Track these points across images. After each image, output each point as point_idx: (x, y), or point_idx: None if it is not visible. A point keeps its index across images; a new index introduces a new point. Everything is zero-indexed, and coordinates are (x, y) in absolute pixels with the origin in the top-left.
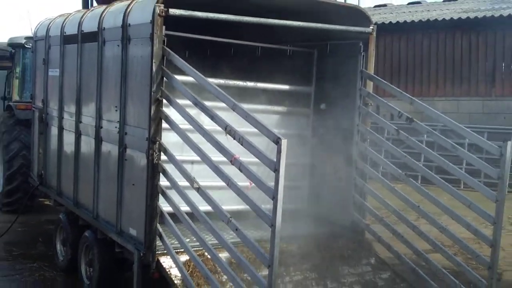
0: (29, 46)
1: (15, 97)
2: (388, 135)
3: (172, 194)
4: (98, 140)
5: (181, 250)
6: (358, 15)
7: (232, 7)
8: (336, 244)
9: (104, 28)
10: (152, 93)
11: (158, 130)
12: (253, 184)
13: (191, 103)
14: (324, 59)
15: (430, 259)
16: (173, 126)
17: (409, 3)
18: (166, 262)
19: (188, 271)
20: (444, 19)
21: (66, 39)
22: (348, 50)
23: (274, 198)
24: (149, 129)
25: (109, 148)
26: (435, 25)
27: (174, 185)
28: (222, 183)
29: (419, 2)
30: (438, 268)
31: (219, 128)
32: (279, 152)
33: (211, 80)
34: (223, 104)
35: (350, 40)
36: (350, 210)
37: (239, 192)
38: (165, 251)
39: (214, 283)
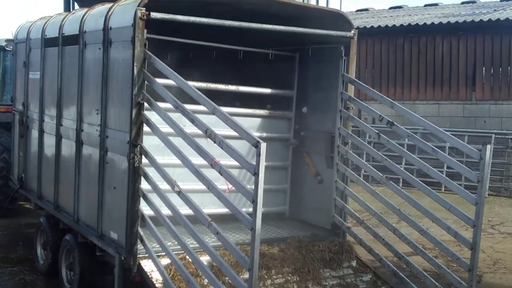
0: (9, 49)
1: None
2: (369, 138)
3: (153, 197)
4: (79, 143)
5: (162, 253)
6: (339, 20)
7: (214, 12)
8: (318, 247)
9: (85, 31)
10: (133, 96)
11: (139, 134)
12: (232, 187)
13: (172, 106)
14: (306, 63)
15: (411, 261)
16: (154, 129)
17: (390, 8)
18: (147, 265)
19: (169, 274)
20: (425, 23)
21: (47, 42)
22: (330, 54)
23: (254, 201)
24: (130, 133)
25: (90, 151)
26: (416, 30)
27: (155, 188)
28: (203, 187)
29: (400, 7)
30: (419, 270)
31: (200, 132)
32: (258, 155)
33: (192, 83)
34: (204, 108)
35: (332, 44)
36: (331, 213)
37: (220, 196)
38: (147, 255)
39: (195, 286)
